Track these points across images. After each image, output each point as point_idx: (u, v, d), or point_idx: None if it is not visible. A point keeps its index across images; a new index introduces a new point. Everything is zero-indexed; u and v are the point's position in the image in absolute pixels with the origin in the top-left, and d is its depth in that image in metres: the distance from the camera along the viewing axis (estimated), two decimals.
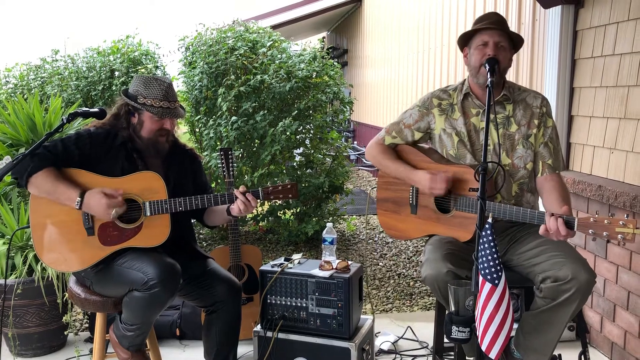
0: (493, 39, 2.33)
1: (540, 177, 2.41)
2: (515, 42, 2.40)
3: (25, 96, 5.42)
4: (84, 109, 2.38)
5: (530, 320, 2.25)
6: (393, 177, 2.59)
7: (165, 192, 2.33)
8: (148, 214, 2.30)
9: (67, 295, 3.05)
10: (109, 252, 2.31)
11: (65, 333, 3.24)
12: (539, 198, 2.48)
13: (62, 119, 2.28)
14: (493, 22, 2.36)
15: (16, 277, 3.04)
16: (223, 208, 2.48)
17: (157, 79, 2.40)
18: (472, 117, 2.46)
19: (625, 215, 1.85)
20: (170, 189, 2.39)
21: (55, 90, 5.51)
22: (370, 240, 5.40)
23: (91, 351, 3.10)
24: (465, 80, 2.52)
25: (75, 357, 3.10)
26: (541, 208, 2.47)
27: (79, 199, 2.24)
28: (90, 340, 3.26)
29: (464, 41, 2.45)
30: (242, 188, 2.36)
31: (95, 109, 2.34)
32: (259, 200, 2.38)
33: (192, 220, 2.70)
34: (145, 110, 2.37)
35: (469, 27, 2.45)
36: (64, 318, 3.15)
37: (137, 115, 2.42)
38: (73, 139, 2.36)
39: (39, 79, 6.06)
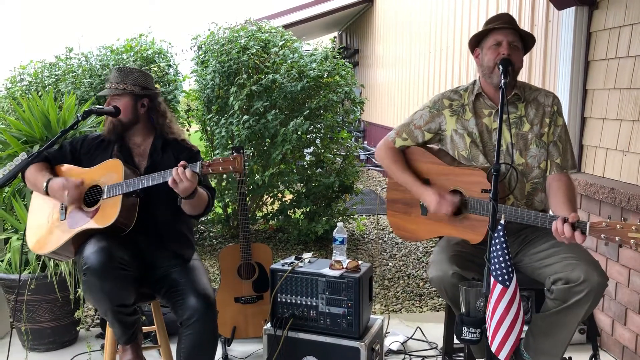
0: (507, 39, 2.32)
1: (549, 176, 2.40)
2: (526, 43, 2.40)
3: (39, 93, 5.49)
4: (99, 106, 2.40)
5: (540, 323, 2.24)
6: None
7: (123, 174, 2.32)
8: (105, 196, 2.32)
9: (79, 291, 3.08)
10: (73, 234, 2.32)
11: (77, 329, 3.27)
12: None
13: (77, 116, 2.33)
14: (506, 22, 2.36)
15: (29, 273, 3.08)
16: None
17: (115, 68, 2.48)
18: (484, 118, 2.45)
19: (638, 220, 1.83)
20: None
21: (69, 88, 5.57)
22: (380, 241, 5.40)
23: (102, 347, 3.12)
24: (476, 80, 2.51)
25: (86, 352, 3.13)
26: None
27: (45, 183, 2.37)
28: (101, 336, 3.30)
29: (476, 42, 2.44)
30: (182, 162, 2.18)
31: (110, 107, 2.38)
32: (196, 173, 2.16)
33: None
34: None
35: (482, 28, 2.44)
36: (75, 314, 3.18)
37: None
38: (70, 139, 2.49)
39: (53, 76, 6.12)
